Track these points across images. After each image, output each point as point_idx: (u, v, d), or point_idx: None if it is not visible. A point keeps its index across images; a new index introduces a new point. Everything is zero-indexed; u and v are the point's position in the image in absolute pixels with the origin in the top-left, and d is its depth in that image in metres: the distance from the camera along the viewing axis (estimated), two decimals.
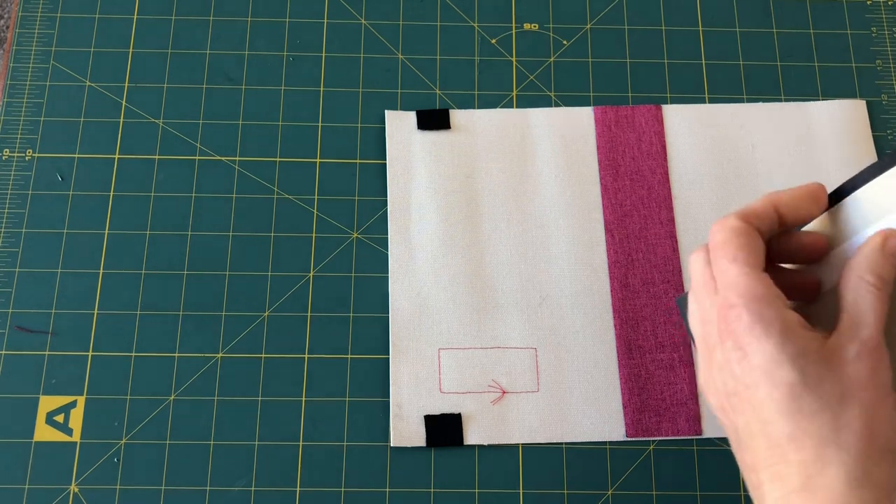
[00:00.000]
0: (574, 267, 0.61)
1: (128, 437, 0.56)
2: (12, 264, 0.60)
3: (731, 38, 0.67)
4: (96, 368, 0.58)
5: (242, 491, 0.55)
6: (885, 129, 0.65)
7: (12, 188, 0.62)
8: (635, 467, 0.57)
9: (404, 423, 0.57)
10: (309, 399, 0.58)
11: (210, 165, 0.63)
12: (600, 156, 0.63)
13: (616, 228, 0.61)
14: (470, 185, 0.62)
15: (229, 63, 0.66)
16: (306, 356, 0.58)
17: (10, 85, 0.64)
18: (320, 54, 0.66)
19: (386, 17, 0.67)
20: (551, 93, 0.65)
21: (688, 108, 0.65)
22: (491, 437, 0.57)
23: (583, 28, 0.68)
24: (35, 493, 0.55)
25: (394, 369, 0.58)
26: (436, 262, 0.60)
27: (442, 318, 0.59)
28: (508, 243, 0.61)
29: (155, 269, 0.60)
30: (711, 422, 0.57)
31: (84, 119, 0.64)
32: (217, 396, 0.57)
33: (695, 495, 0.56)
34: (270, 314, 0.59)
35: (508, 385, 0.58)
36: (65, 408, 0.57)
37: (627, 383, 0.58)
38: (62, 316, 0.59)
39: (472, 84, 0.65)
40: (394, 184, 0.62)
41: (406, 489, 0.56)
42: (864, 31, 0.68)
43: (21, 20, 0.66)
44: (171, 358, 0.58)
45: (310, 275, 0.60)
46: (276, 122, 0.64)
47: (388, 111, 0.64)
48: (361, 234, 0.62)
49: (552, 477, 0.56)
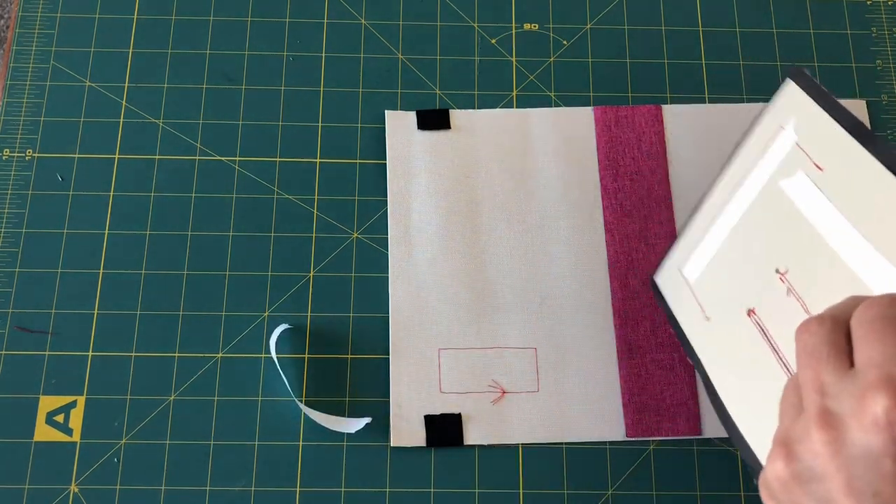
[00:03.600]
0: (574, 267, 0.61)
1: (128, 437, 0.56)
2: (12, 264, 0.60)
3: (731, 38, 0.67)
4: (96, 368, 0.58)
5: (242, 491, 0.55)
6: (885, 129, 0.65)
7: (12, 188, 0.62)
8: (635, 467, 0.57)
9: (404, 423, 0.57)
10: (309, 399, 0.58)
11: (210, 165, 0.63)
12: (600, 156, 0.63)
13: (616, 228, 0.61)
14: (470, 185, 0.62)
15: (229, 63, 0.66)
16: (306, 356, 0.58)
17: (10, 85, 0.64)
18: (320, 54, 0.66)
19: (386, 17, 0.67)
20: (551, 93, 0.65)
21: (688, 108, 0.65)
22: (491, 437, 0.57)
23: (583, 28, 0.68)
24: (35, 493, 0.55)
25: (394, 369, 0.58)
26: (436, 262, 0.60)
27: (442, 318, 0.59)
28: (508, 243, 0.61)
29: (155, 269, 0.60)
30: (711, 422, 0.57)
31: (84, 119, 0.64)
32: (217, 396, 0.57)
33: (695, 495, 0.56)
34: (270, 314, 0.59)
35: (508, 385, 0.58)
36: (65, 408, 0.57)
37: (627, 383, 0.58)
38: (62, 316, 0.59)
39: (472, 84, 0.65)
40: (394, 184, 0.62)
41: (406, 489, 0.56)
42: (864, 31, 0.68)
43: (21, 20, 0.66)
44: (171, 358, 0.58)
45: (310, 275, 0.60)
46: (276, 122, 0.64)
47: (388, 111, 0.64)
48: (361, 234, 0.62)
49: (552, 477, 0.56)
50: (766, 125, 0.50)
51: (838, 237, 0.44)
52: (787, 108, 0.49)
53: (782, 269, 0.47)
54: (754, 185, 0.50)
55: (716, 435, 0.57)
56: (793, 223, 0.47)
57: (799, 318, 0.45)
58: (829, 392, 0.31)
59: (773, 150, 0.49)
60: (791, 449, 0.32)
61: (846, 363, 0.31)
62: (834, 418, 0.30)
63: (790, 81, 0.48)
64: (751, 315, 0.49)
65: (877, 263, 0.41)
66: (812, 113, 0.46)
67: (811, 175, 0.46)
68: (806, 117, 0.47)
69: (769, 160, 0.49)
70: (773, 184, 0.49)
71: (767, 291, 0.48)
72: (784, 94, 0.49)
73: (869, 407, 0.29)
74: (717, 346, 0.52)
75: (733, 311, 0.50)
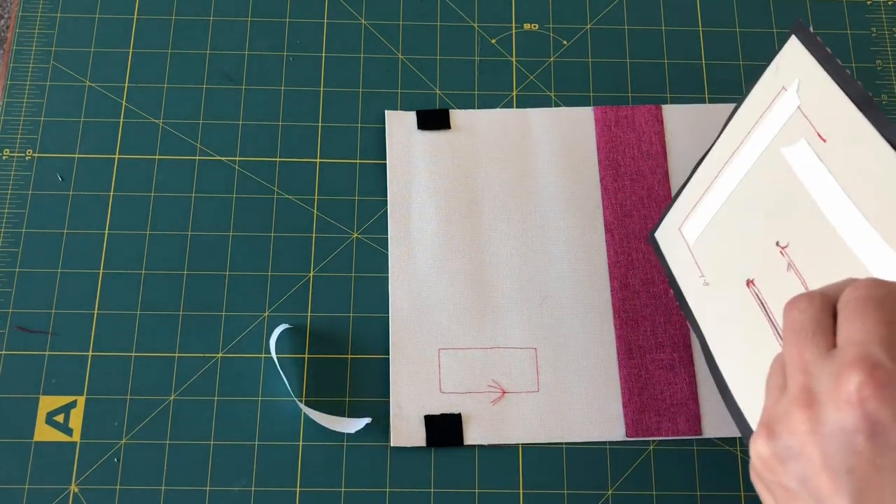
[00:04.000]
0: (574, 267, 0.61)
1: (128, 437, 0.56)
2: (12, 264, 0.60)
3: (731, 38, 0.67)
4: (96, 368, 0.58)
5: (242, 491, 0.55)
6: None
7: (12, 188, 0.62)
8: (635, 467, 0.57)
9: (404, 423, 0.57)
10: (309, 399, 0.57)
11: (210, 165, 0.63)
12: (600, 156, 0.63)
13: (616, 228, 0.61)
14: (470, 185, 0.62)
15: (229, 63, 0.66)
16: (306, 356, 0.58)
17: (10, 85, 0.64)
18: (320, 54, 0.66)
19: (386, 17, 0.67)
20: (551, 93, 0.65)
21: (688, 108, 0.65)
22: (491, 437, 0.57)
23: (583, 28, 0.68)
24: (35, 493, 0.55)
25: (394, 369, 0.58)
26: (436, 262, 0.60)
27: (442, 318, 0.59)
28: (508, 243, 0.61)
29: (155, 269, 0.60)
30: (711, 422, 0.57)
31: (84, 119, 0.64)
32: (217, 396, 0.57)
33: (695, 495, 0.56)
34: (270, 314, 0.59)
35: (508, 385, 0.58)
36: (65, 408, 0.57)
37: (627, 383, 0.58)
38: (62, 316, 0.59)
39: (472, 84, 0.65)
40: (394, 184, 0.62)
41: (406, 489, 0.56)
42: (864, 31, 0.68)
43: (21, 20, 0.66)
44: (171, 358, 0.58)
45: (310, 275, 0.60)
46: (276, 122, 0.64)
47: (388, 111, 0.64)
48: (361, 234, 0.62)
49: (552, 477, 0.56)
50: (766, 83, 0.48)
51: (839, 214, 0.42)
52: (790, 68, 0.46)
53: (783, 242, 0.46)
54: (755, 148, 0.48)
55: (716, 435, 0.57)
56: (794, 194, 0.45)
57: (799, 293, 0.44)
58: (810, 371, 0.31)
59: (775, 112, 0.47)
60: (772, 428, 0.32)
61: (830, 342, 0.32)
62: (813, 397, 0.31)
63: (794, 39, 0.46)
64: (750, 286, 0.48)
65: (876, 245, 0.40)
66: (816, 76, 0.44)
67: (814, 145, 0.44)
68: (809, 80, 0.45)
69: (770, 123, 0.47)
70: (775, 150, 0.47)
71: (767, 264, 0.47)
72: (787, 52, 0.47)
73: (844, 385, 0.29)
74: (715, 314, 0.52)
75: (732, 280, 0.49)
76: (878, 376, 0.29)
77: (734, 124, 0.51)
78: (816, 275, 0.44)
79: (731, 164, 0.50)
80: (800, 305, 0.33)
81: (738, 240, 0.50)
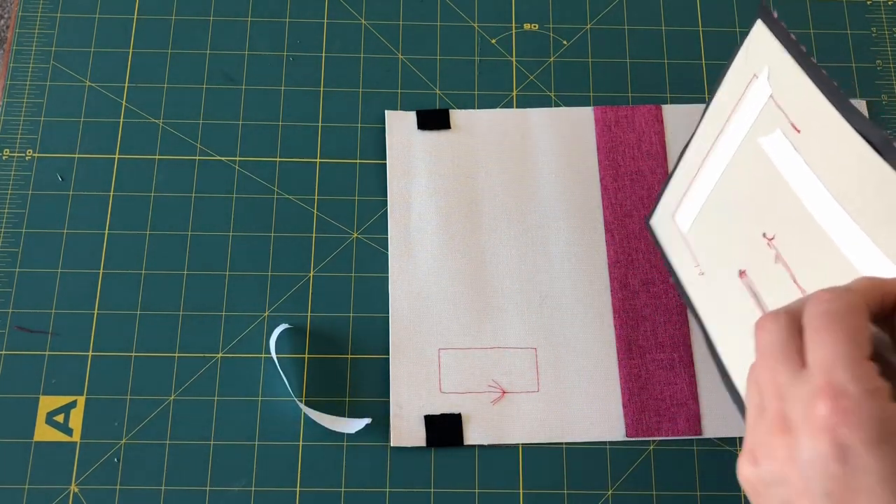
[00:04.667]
0: (574, 267, 0.61)
1: (128, 437, 0.56)
2: (12, 264, 0.60)
3: (731, 38, 0.67)
4: (96, 368, 0.58)
5: (242, 491, 0.55)
6: (885, 129, 0.65)
7: (12, 188, 0.62)
8: (635, 467, 0.57)
9: (404, 423, 0.57)
10: (309, 399, 0.57)
11: (210, 165, 0.63)
12: (600, 156, 0.63)
13: (616, 228, 0.61)
14: (470, 185, 0.62)
15: (229, 63, 0.66)
16: (306, 356, 0.58)
17: (10, 85, 0.64)
18: (320, 54, 0.66)
19: (386, 17, 0.67)
20: (551, 93, 0.65)
21: (688, 108, 0.65)
22: (491, 437, 0.57)
23: (583, 28, 0.68)
24: (35, 493, 0.55)
25: (394, 369, 0.58)
26: (436, 262, 0.60)
27: (442, 318, 0.59)
28: (508, 243, 0.61)
29: (155, 269, 0.60)
30: (711, 422, 0.57)
31: (84, 119, 0.64)
32: (217, 396, 0.57)
33: (695, 495, 0.56)
34: (270, 314, 0.59)
35: (508, 385, 0.58)
36: (65, 408, 0.57)
37: (627, 383, 0.58)
38: (62, 316, 0.59)
39: (472, 84, 0.65)
40: (394, 184, 0.62)
41: (406, 489, 0.56)
42: (864, 31, 0.68)
43: (21, 20, 0.66)
44: (171, 358, 0.58)
45: (310, 275, 0.60)
46: (276, 122, 0.64)
47: (388, 111, 0.64)
48: (361, 234, 0.62)
49: (552, 477, 0.56)
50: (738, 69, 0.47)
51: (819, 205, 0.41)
52: (758, 55, 0.46)
53: (769, 233, 0.46)
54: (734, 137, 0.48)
55: (716, 435, 0.57)
56: (775, 185, 0.45)
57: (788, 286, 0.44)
58: (784, 395, 0.32)
59: (749, 101, 0.46)
60: (755, 454, 0.33)
61: (799, 362, 0.32)
62: (789, 424, 0.32)
63: (760, 23, 0.45)
64: (742, 276, 0.48)
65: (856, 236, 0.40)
66: (784, 63, 0.43)
67: (789, 136, 0.43)
68: (778, 68, 0.44)
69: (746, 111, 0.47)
70: (753, 140, 0.46)
71: (756, 255, 0.47)
72: (754, 37, 0.46)
73: (813, 412, 0.30)
74: (712, 302, 0.52)
75: (725, 270, 0.49)
76: (843, 404, 0.30)
77: (713, 111, 0.51)
78: (803, 267, 0.44)
79: (714, 154, 0.50)
80: (766, 326, 0.34)
81: (727, 230, 0.50)
